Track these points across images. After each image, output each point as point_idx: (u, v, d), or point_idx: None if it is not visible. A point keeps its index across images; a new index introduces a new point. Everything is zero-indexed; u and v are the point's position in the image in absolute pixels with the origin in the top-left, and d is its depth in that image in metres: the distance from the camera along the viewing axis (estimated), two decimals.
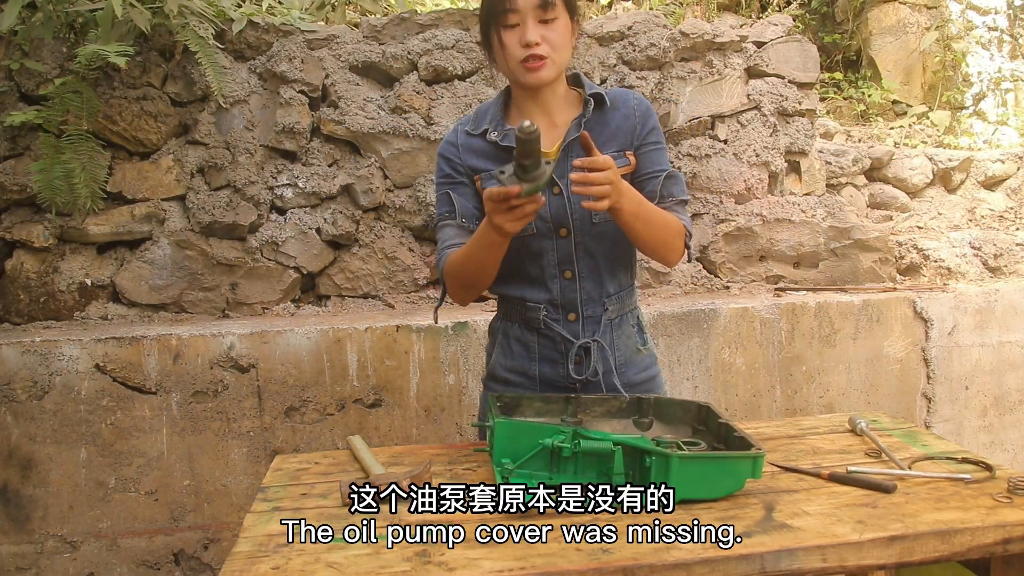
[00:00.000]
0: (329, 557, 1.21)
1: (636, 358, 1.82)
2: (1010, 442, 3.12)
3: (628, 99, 1.77)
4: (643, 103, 1.78)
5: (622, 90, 1.81)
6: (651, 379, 1.85)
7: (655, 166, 1.74)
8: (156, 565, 2.59)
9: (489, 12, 1.63)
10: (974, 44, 4.93)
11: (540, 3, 1.58)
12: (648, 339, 1.87)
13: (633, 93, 1.79)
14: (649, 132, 1.75)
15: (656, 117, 1.79)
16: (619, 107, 1.74)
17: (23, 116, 2.65)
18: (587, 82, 1.77)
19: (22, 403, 2.49)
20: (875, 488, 1.43)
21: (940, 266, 3.42)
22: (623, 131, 1.73)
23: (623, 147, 1.73)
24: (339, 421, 2.63)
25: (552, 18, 1.60)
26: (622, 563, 1.16)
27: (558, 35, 1.62)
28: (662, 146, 1.78)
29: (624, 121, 1.73)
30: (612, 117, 1.73)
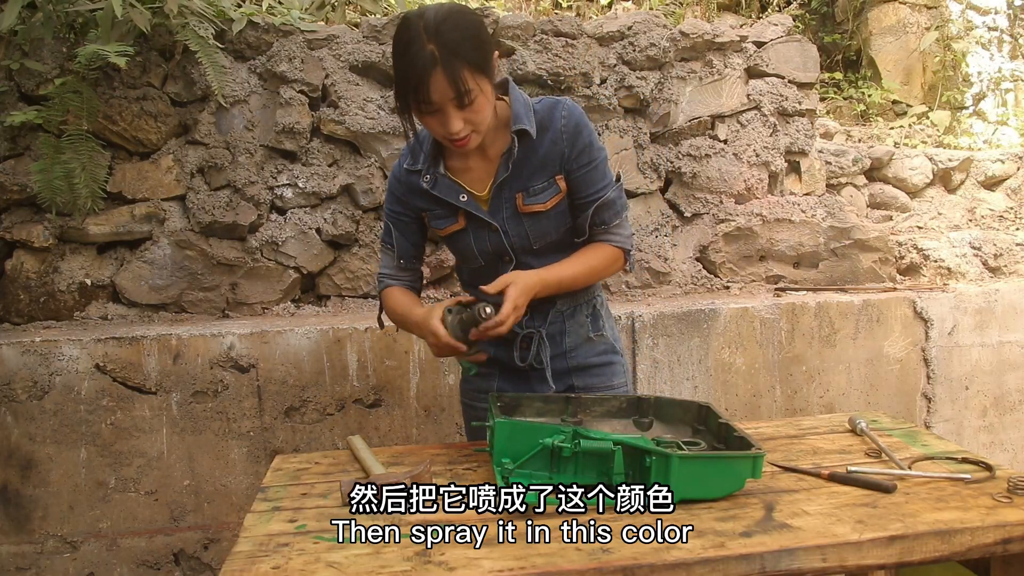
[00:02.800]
0: (329, 557, 1.21)
1: (588, 344, 1.87)
2: (1010, 442, 3.12)
3: (555, 119, 1.71)
4: (571, 120, 1.72)
5: (549, 104, 1.73)
6: (606, 364, 1.90)
7: (588, 189, 1.74)
8: (156, 565, 2.59)
9: (404, 95, 1.57)
10: (974, 44, 4.93)
11: (455, 97, 1.53)
12: (606, 327, 1.90)
13: (561, 107, 1.72)
14: (580, 154, 1.72)
15: (588, 129, 1.74)
16: (547, 129, 1.71)
17: (23, 116, 2.65)
18: (514, 95, 1.72)
19: (22, 403, 2.49)
20: (875, 488, 1.43)
21: (940, 266, 3.43)
22: (551, 157, 1.71)
23: (552, 174, 1.72)
24: (339, 421, 2.63)
25: (471, 101, 1.55)
26: (622, 563, 1.16)
27: (480, 113, 1.58)
28: (595, 163, 1.75)
29: (552, 147, 1.71)
30: (540, 143, 1.70)
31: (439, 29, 1.50)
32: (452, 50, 1.50)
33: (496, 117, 1.70)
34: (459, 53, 1.50)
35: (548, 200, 1.73)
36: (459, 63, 1.50)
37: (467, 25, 1.54)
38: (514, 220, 1.73)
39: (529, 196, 1.72)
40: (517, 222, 1.73)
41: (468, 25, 1.54)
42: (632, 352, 2.75)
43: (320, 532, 1.32)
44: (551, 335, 1.83)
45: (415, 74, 1.51)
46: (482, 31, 1.58)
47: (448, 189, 1.73)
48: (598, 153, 1.77)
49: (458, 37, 1.51)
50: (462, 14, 1.56)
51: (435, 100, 1.53)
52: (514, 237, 1.75)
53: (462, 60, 1.51)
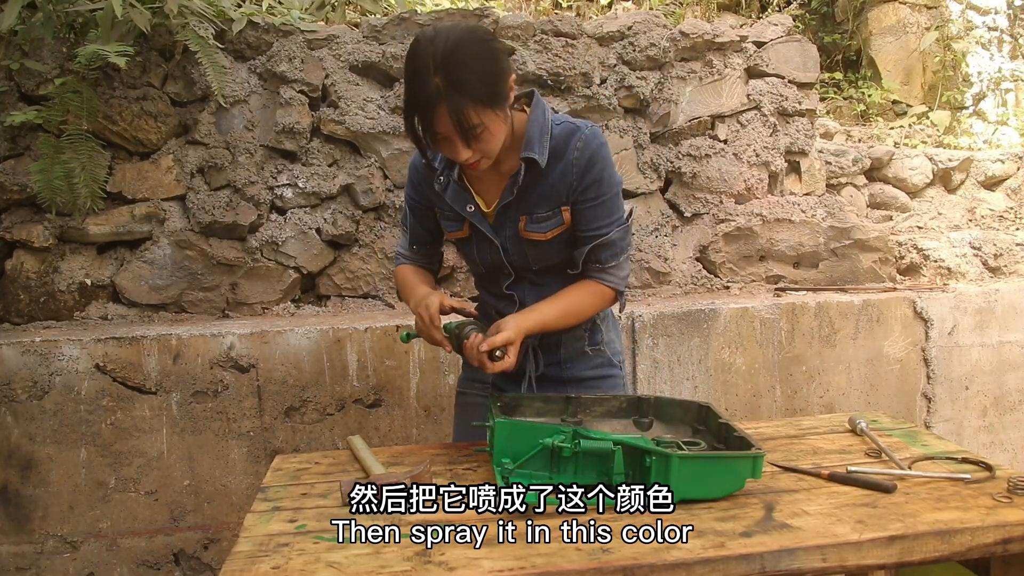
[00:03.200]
0: (329, 557, 1.21)
1: (583, 358, 1.85)
2: (1010, 442, 3.12)
3: (569, 148, 1.65)
4: (585, 153, 1.65)
5: (568, 131, 1.67)
6: (602, 378, 1.87)
7: (591, 225, 1.70)
8: (156, 565, 2.59)
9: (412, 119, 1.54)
10: (974, 44, 4.93)
11: (459, 133, 1.50)
12: (604, 342, 1.86)
13: (578, 136, 1.65)
14: (588, 187, 1.67)
15: (602, 163, 1.68)
16: (560, 158, 1.66)
17: (23, 116, 2.65)
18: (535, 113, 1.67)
19: (22, 403, 2.49)
20: (875, 488, 1.43)
21: (940, 266, 3.43)
22: (558, 189, 1.67)
23: (558, 204, 1.68)
24: (339, 421, 2.63)
25: (476, 136, 1.51)
26: (622, 563, 1.16)
27: (489, 143, 1.55)
28: (603, 199, 1.69)
29: (561, 178, 1.66)
30: (550, 171, 1.66)
31: (447, 62, 1.45)
32: (458, 86, 1.45)
33: (513, 135, 1.65)
34: (464, 90, 1.46)
35: (549, 231, 1.70)
36: (464, 100, 1.46)
37: (477, 57, 1.48)
38: (515, 241, 1.72)
39: (532, 223, 1.69)
40: (518, 243, 1.72)
41: (479, 57, 1.48)
42: (632, 352, 2.75)
43: (320, 532, 1.32)
44: (546, 345, 1.81)
45: (420, 105, 1.49)
46: (493, 62, 1.52)
47: (457, 197, 1.72)
48: (608, 189, 1.69)
49: (466, 73, 1.46)
50: (474, 43, 1.50)
51: (441, 131, 1.52)
52: (514, 256, 1.74)
53: (467, 97, 1.46)
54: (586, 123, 1.70)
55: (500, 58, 1.54)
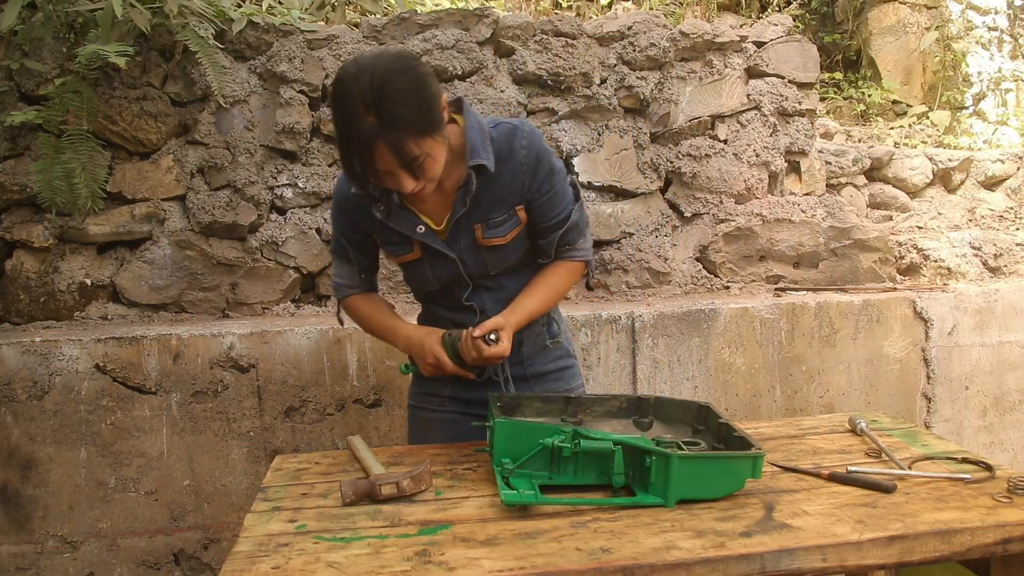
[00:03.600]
0: (329, 557, 1.21)
1: (544, 352, 1.88)
2: (1010, 442, 3.12)
3: (515, 148, 1.65)
4: (532, 150, 1.66)
5: (507, 131, 1.66)
6: (562, 369, 1.92)
7: (551, 214, 1.73)
8: (156, 565, 2.59)
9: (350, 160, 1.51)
10: (974, 44, 4.93)
11: (402, 167, 1.48)
12: (561, 333, 1.91)
13: (520, 135, 1.66)
14: (541, 183, 1.69)
15: (548, 154, 1.69)
16: (506, 160, 1.65)
17: (23, 116, 2.65)
18: (468, 120, 1.64)
19: (22, 403, 2.49)
20: (875, 488, 1.43)
21: (940, 266, 3.43)
22: (511, 189, 1.68)
23: (512, 205, 1.69)
24: (339, 421, 2.63)
25: (419, 165, 1.50)
26: (622, 563, 1.16)
27: (432, 170, 1.53)
28: (556, 188, 1.71)
29: (511, 180, 1.67)
30: (499, 175, 1.65)
31: (377, 99, 1.42)
32: (393, 123, 1.43)
33: (450, 149, 1.62)
34: (400, 124, 1.43)
35: (508, 233, 1.71)
36: (402, 135, 1.44)
37: (407, 88, 1.45)
38: (472, 250, 1.72)
39: (489, 229, 1.69)
40: (475, 252, 1.72)
41: (408, 88, 1.45)
42: (632, 352, 2.75)
43: (320, 532, 1.32)
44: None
45: (358, 147, 1.46)
46: (424, 89, 1.48)
47: (404, 220, 1.69)
48: (559, 177, 1.72)
49: (399, 107, 1.43)
50: (401, 74, 1.45)
51: (382, 168, 1.49)
52: (471, 266, 1.74)
53: (404, 131, 1.44)
54: (519, 120, 1.72)
55: (430, 83, 1.50)
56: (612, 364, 2.74)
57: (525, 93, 3.03)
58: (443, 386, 1.85)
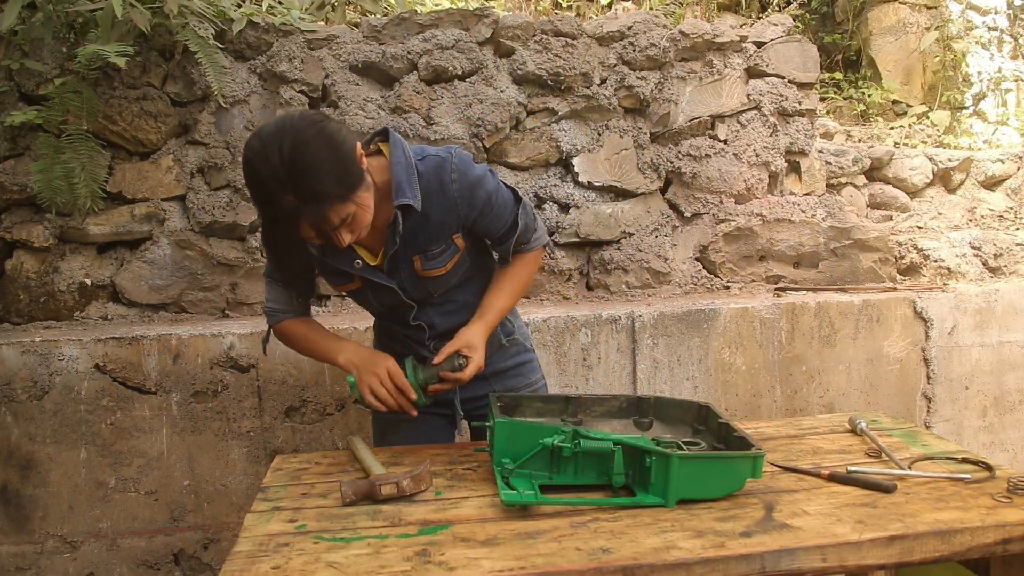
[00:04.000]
0: (329, 557, 1.21)
1: (501, 351, 1.90)
2: (1010, 442, 3.12)
3: (445, 182, 1.62)
4: (463, 181, 1.62)
5: (435, 164, 1.62)
6: (520, 364, 1.94)
7: (497, 227, 1.73)
8: (156, 565, 2.59)
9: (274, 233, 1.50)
10: (974, 44, 4.93)
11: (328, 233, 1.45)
12: (516, 330, 1.93)
13: (449, 168, 1.62)
14: (480, 209, 1.67)
15: (478, 178, 1.65)
16: (437, 193, 1.62)
17: (23, 116, 2.65)
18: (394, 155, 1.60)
19: (22, 403, 2.49)
20: (875, 488, 1.43)
21: (940, 266, 3.43)
22: (446, 223, 1.66)
23: (450, 235, 1.68)
24: (339, 421, 2.63)
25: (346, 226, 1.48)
26: (622, 563, 1.16)
27: (363, 219, 1.50)
28: (495, 204, 1.69)
29: (446, 213, 1.65)
30: (431, 209, 1.62)
31: (292, 177, 1.37)
32: (312, 197, 1.39)
33: (377, 188, 1.59)
34: (320, 197, 1.40)
35: (448, 262, 1.71)
36: (323, 207, 1.41)
37: (319, 157, 1.40)
38: (412, 280, 1.72)
39: (427, 260, 1.68)
40: (416, 282, 1.72)
41: (320, 156, 1.40)
42: (632, 352, 2.75)
43: (320, 532, 1.32)
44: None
45: (281, 224, 1.43)
46: (336, 152, 1.42)
47: (340, 257, 1.66)
48: (495, 195, 1.70)
49: (315, 181, 1.38)
50: (308, 144, 1.39)
51: (311, 236, 1.47)
52: (413, 292, 1.74)
53: (325, 202, 1.41)
54: (448, 149, 1.67)
55: (340, 142, 1.45)
56: (612, 364, 2.74)
57: (525, 93, 3.03)
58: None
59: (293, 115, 1.46)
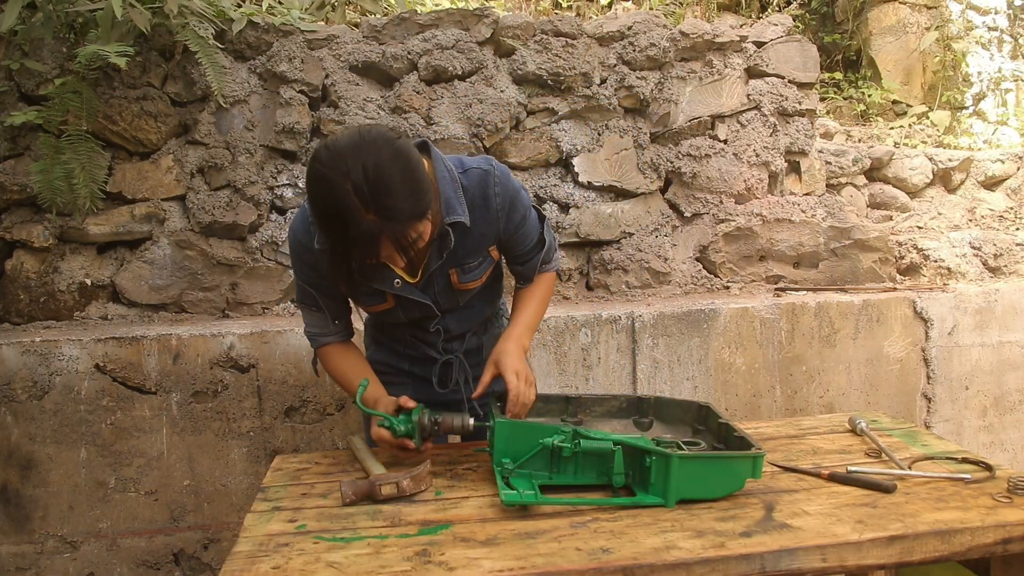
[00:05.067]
0: (329, 557, 1.21)
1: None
2: (1010, 442, 3.12)
3: (489, 196, 1.61)
4: (505, 196, 1.62)
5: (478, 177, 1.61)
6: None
7: (525, 244, 1.74)
8: (156, 565, 2.59)
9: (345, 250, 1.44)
10: (974, 44, 4.93)
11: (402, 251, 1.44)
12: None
13: (492, 179, 1.61)
14: (516, 223, 1.67)
15: (517, 192, 1.66)
16: (481, 207, 1.62)
17: (23, 116, 2.65)
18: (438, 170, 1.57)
19: (22, 403, 2.49)
20: (875, 488, 1.43)
21: (940, 266, 3.43)
22: (486, 235, 1.66)
23: (487, 247, 1.68)
24: (339, 421, 2.63)
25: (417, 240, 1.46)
26: (622, 563, 1.16)
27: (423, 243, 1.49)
28: (528, 220, 1.70)
29: (487, 226, 1.64)
30: (473, 222, 1.61)
31: (375, 196, 1.35)
32: (393, 216, 1.38)
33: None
34: (401, 216, 1.39)
35: (483, 275, 1.71)
36: (402, 226, 1.40)
37: (401, 178, 1.39)
38: (445, 293, 1.71)
39: (464, 273, 1.68)
40: (449, 294, 1.72)
41: (402, 178, 1.39)
42: (632, 352, 2.75)
43: (320, 532, 1.32)
44: (469, 351, 1.84)
45: (359, 243, 1.40)
46: (415, 173, 1.42)
47: (379, 276, 1.63)
48: (528, 210, 1.71)
49: (397, 200, 1.37)
50: (391, 164, 1.38)
51: (387, 254, 1.45)
52: (444, 305, 1.73)
53: (404, 222, 1.40)
54: (486, 160, 1.66)
55: (418, 165, 1.44)
56: (612, 364, 2.74)
57: (525, 93, 3.03)
58: (404, 388, 1.83)
59: (366, 131, 1.42)
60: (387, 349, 1.88)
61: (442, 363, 1.82)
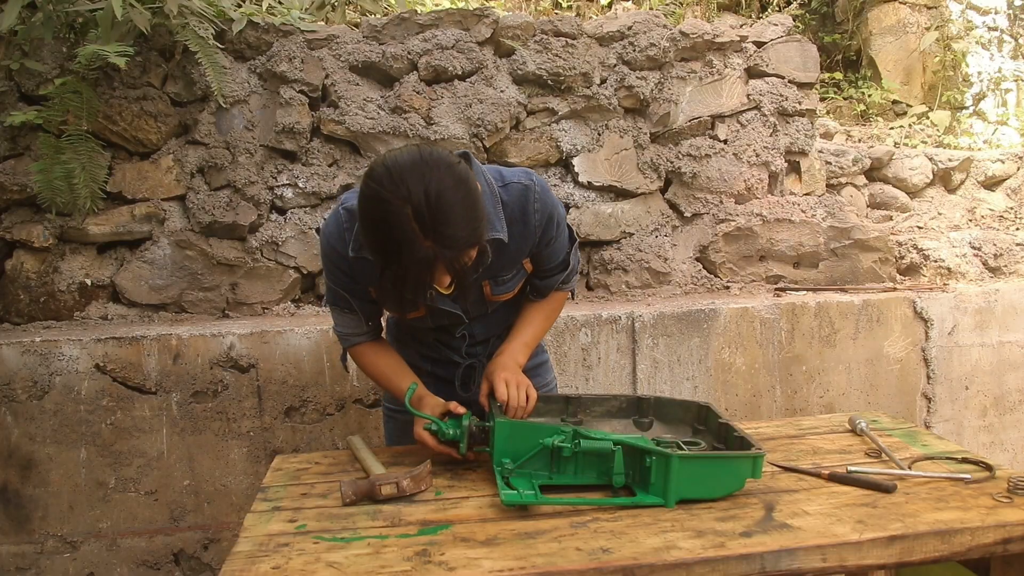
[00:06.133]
0: (329, 557, 1.21)
1: None
2: (1010, 442, 3.12)
3: (528, 213, 1.59)
4: (544, 213, 1.60)
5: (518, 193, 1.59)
6: (537, 366, 1.94)
7: (553, 261, 1.73)
8: (156, 565, 2.59)
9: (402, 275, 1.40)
10: (974, 44, 4.92)
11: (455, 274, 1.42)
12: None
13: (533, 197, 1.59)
14: (551, 238, 1.66)
15: (556, 209, 1.64)
16: (518, 223, 1.60)
17: (23, 116, 2.65)
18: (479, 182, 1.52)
19: (22, 403, 2.49)
20: (875, 488, 1.43)
21: (940, 266, 3.42)
22: (521, 250, 1.65)
23: (521, 260, 1.68)
24: (339, 421, 2.63)
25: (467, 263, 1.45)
26: (622, 563, 1.16)
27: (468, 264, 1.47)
28: (560, 236, 1.69)
29: (523, 241, 1.63)
30: (512, 239, 1.60)
31: (435, 224, 1.32)
32: (453, 245, 1.36)
33: None
34: (458, 244, 1.36)
35: (516, 287, 1.71)
36: (459, 253, 1.38)
37: (462, 206, 1.36)
38: (477, 303, 1.72)
39: (497, 286, 1.69)
40: (480, 304, 1.72)
41: (463, 205, 1.36)
42: (632, 352, 2.75)
43: (320, 532, 1.32)
44: (492, 355, 1.83)
45: (415, 271, 1.38)
46: (474, 201, 1.39)
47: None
48: (561, 226, 1.69)
49: (456, 229, 1.34)
50: (452, 191, 1.35)
51: (441, 277, 1.43)
52: (474, 314, 1.74)
53: (461, 249, 1.38)
54: (526, 173, 1.63)
55: (477, 192, 1.42)
56: (612, 364, 2.74)
57: (525, 93, 3.03)
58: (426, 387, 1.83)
59: (428, 153, 1.38)
60: (410, 349, 1.88)
61: (465, 366, 1.83)
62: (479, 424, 1.59)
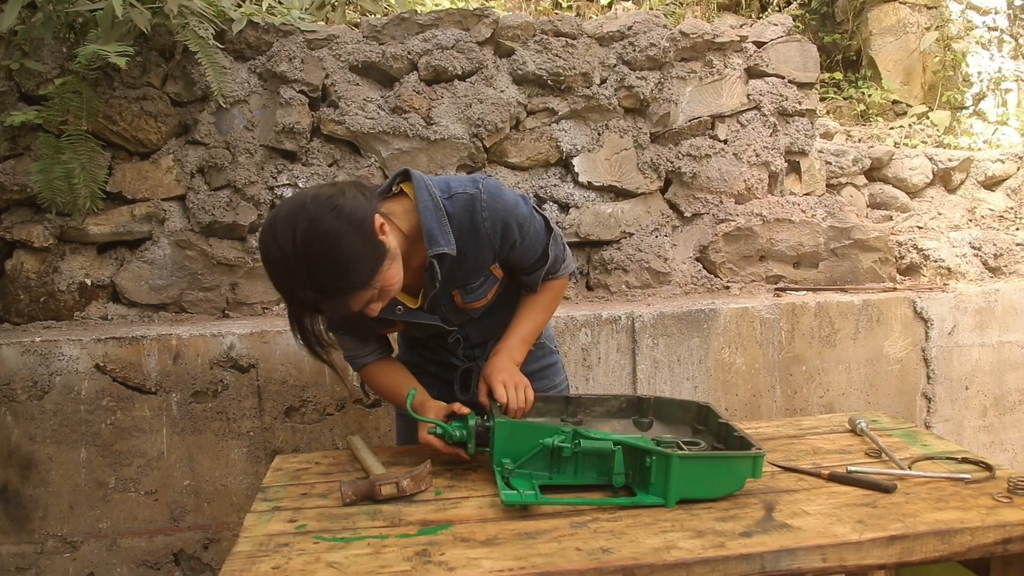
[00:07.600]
0: (329, 557, 1.21)
1: (529, 354, 1.85)
2: (1010, 442, 3.12)
3: (477, 223, 1.56)
4: (495, 219, 1.56)
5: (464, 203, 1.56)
6: (546, 367, 1.94)
7: (528, 258, 1.70)
8: (156, 565, 2.59)
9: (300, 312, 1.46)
10: (974, 44, 4.93)
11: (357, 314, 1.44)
12: (543, 333, 1.91)
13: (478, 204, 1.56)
14: (513, 242, 1.62)
15: (510, 212, 1.60)
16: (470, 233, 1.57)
17: (23, 116, 2.65)
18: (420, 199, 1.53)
19: (22, 403, 2.49)
20: (875, 488, 1.43)
21: (940, 266, 3.42)
22: (482, 258, 1.63)
23: (487, 267, 1.66)
24: (339, 421, 2.63)
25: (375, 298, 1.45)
26: (622, 563, 1.16)
27: (391, 288, 1.47)
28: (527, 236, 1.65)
29: (480, 250, 1.61)
30: (465, 249, 1.58)
31: (311, 271, 1.35)
32: (333, 291, 1.38)
33: (405, 236, 1.54)
34: (341, 291, 1.38)
35: (488, 293, 1.70)
36: (345, 299, 1.39)
37: (338, 249, 1.35)
38: (454, 311, 1.72)
39: (467, 294, 1.68)
40: (457, 312, 1.72)
41: (339, 248, 1.35)
42: (632, 352, 2.75)
43: (320, 532, 1.32)
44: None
45: (309, 310, 1.44)
46: (353, 236, 1.37)
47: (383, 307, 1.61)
48: (527, 226, 1.64)
49: (334, 278, 1.36)
50: (327, 235, 1.34)
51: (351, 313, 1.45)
52: (455, 320, 1.74)
53: (346, 294, 1.39)
54: (473, 181, 1.60)
55: (359, 223, 1.39)
56: (612, 364, 2.74)
57: (525, 93, 3.03)
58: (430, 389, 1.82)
59: (306, 199, 1.39)
60: (416, 353, 1.91)
61: (463, 369, 1.83)
62: (483, 423, 1.59)
